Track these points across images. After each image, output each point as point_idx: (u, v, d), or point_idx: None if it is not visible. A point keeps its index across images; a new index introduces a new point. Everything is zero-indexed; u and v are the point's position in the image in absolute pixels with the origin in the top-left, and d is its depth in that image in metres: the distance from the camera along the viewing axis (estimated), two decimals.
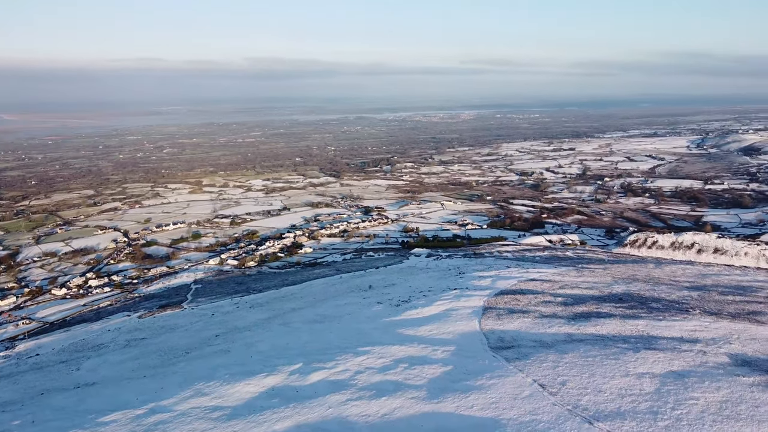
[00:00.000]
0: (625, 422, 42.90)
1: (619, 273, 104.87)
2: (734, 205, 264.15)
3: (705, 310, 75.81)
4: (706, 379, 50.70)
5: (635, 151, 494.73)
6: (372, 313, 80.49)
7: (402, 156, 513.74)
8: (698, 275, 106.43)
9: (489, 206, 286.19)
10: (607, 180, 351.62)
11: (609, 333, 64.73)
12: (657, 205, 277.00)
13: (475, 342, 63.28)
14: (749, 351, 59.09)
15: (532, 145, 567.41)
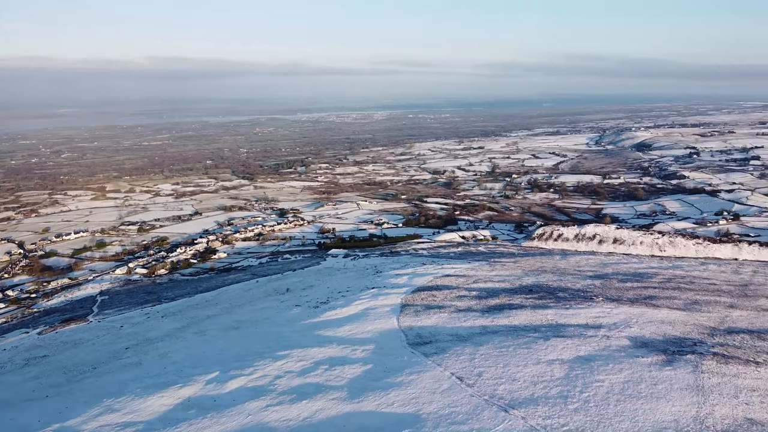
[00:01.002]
0: (538, 408, 44.90)
1: (528, 265, 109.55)
2: (630, 197, 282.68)
3: (607, 297, 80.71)
4: (610, 362, 54.00)
5: (540, 148, 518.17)
6: (290, 316, 79.63)
7: (316, 157, 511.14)
8: (600, 264, 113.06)
9: (404, 205, 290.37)
10: (515, 177, 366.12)
11: (521, 323, 67.53)
12: (561, 199, 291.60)
13: (394, 339, 64.08)
14: (647, 333, 63.48)
15: (444, 145, 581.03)
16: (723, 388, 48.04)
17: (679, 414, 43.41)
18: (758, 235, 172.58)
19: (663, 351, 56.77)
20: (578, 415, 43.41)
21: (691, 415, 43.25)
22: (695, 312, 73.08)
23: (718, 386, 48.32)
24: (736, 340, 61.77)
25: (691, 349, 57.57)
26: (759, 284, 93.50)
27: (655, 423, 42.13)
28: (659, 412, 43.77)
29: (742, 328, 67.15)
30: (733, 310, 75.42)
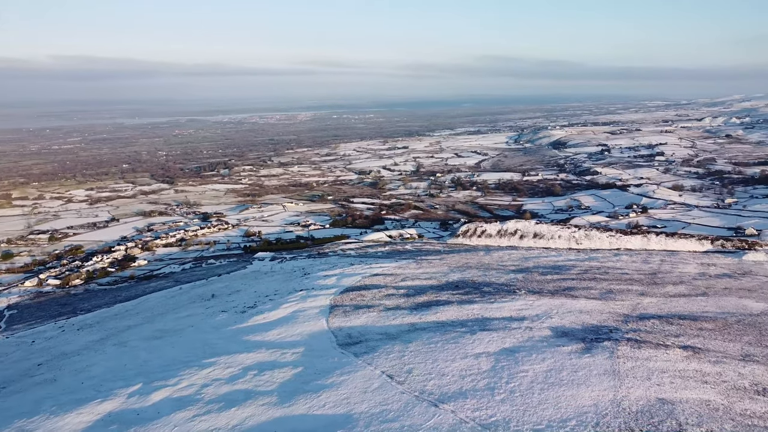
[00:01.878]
0: (467, 401, 46.00)
1: (454, 262, 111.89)
2: (548, 193, 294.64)
3: (529, 290, 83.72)
4: (533, 352, 56.07)
5: (462, 147, 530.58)
6: (216, 322, 77.61)
7: (240, 159, 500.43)
8: (522, 259, 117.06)
9: (331, 206, 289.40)
10: (439, 175, 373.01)
11: (448, 319, 68.91)
12: (484, 196, 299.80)
13: (324, 341, 63.79)
14: (567, 323, 66.39)
15: (369, 145, 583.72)
16: (637, 371, 50.96)
17: (598, 398, 45.70)
18: (664, 226, 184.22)
19: (582, 339, 59.56)
20: (505, 405, 44.82)
21: (609, 399, 45.62)
22: (610, 301, 77.10)
23: (633, 370, 51.22)
24: (647, 325, 65.65)
25: (608, 336, 60.70)
26: (666, 272, 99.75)
27: (576, 408, 44.14)
28: (580, 397, 45.90)
29: (652, 314, 71.47)
30: (644, 297, 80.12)
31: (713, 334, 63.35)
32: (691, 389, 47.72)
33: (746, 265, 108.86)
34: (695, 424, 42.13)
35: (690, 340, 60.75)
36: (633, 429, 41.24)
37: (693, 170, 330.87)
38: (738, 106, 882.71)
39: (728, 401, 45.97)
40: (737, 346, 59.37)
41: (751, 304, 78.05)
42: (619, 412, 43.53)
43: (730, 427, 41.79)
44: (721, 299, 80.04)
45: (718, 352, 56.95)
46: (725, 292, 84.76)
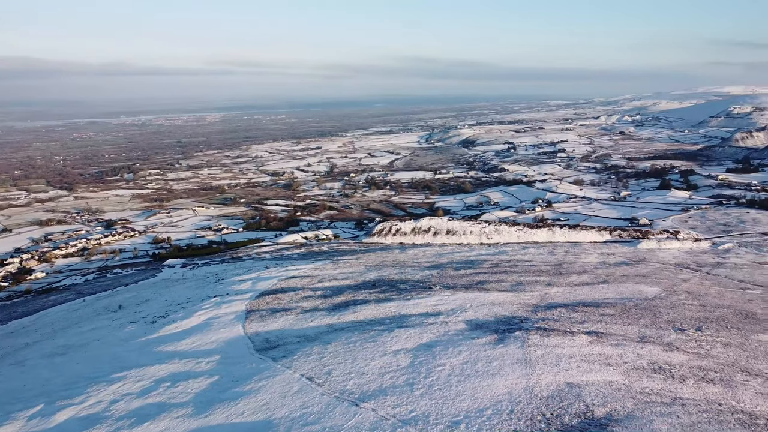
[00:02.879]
0: (387, 398, 46.45)
1: (370, 261, 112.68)
2: (459, 191, 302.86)
3: (444, 285, 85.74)
4: (449, 346, 57.50)
5: (375, 147, 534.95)
6: (125, 334, 73.96)
7: (146, 162, 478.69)
8: (436, 255, 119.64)
9: (244, 209, 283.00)
10: (353, 175, 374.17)
11: (366, 318, 69.33)
12: (397, 195, 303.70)
13: (240, 347, 62.36)
14: (480, 316, 68.58)
15: (281, 146, 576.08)
16: (547, 358, 53.46)
17: (512, 386, 47.53)
18: (567, 219, 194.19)
19: (495, 330, 61.72)
20: (424, 399, 45.66)
21: (522, 386, 47.56)
22: (520, 292, 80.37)
23: (543, 357, 53.68)
24: (554, 314, 69.03)
25: (519, 326, 63.26)
26: (570, 263, 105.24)
27: (492, 397, 45.70)
28: (495, 386, 47.56)
29: (559, 302, 75.25)
30: (551, 287, 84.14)
31: (614, 318, 67.57)
32: (596, 372, 50.65)
33: (641, 253, 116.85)
34: (600, 404, 44.76)
35: (594, 325, 64.47)
36: (545, 413, 43.22)
37: (592, 165, 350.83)
38: (629, 105, 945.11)
39: (629, 381, 49.18)
40: (635, 329, 63.66)
41: (646, 289, 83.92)
42: (532, 398, 45.49)
43: (632, 405, 44.73)
44: (619, 286, 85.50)
45: (618, 336, 60.79)
46: (623, 279, 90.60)
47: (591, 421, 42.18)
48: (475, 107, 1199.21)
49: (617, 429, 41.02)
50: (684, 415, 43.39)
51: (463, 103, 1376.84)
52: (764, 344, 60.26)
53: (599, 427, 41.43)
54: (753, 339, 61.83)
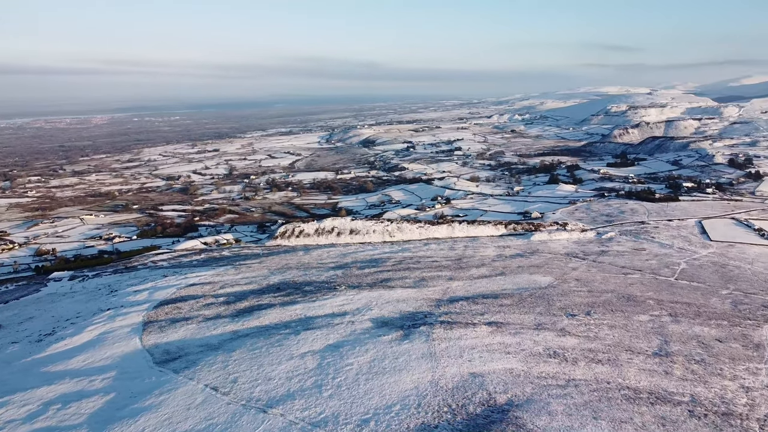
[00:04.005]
0: (295, 402, 45.99)
1: (274, 264, 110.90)
2: (361, 190, 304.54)
3: (349, 285, 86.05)
4: (357, 345, 57.83)
5: (275, 148, 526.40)
6: (7, 356, 68.07)
7: (24, 169, 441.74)
8: (340, 255, 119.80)
9: (137, 215, 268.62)
10: (253, 178, 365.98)
11: (272, 322, 68.20)
12: (300, 197, 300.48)
13: (138, 361, 59.32)
14: (386, 313, 69.52)
15: (176, 149, 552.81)
16: (451, 350, 55.15)
17: (418, 381, 48.61)
18: (465, 214, 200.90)
19: (401, 327, 62.84)
20: (333, 400, 45.66)
21: (428, 380, 48.77)
22: (423, 288, 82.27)
23: (447, 350, 55.33)
24: (456, 307, 71.31)
25: (423, 321, 64.79)
26: (469, 257, 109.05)
27: (399, 393, 46.50)
28: (402, 382, 48.44)
29: (461, 296, 77.81)
30: (452, 281, 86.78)
31: (512, 308, 70.86)
32: (496, 361, 52.91)
33: (534, 245, 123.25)
34: (502, 391, 46.85)
35: (493, 316, 67.27)
36: (450, 404, 44.60)
37: (486, 162, 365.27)
38: (519, 105, 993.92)
39: (527, 367, 51.82)
40: (531, 317, 67.13)
41: (539, 278, 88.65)
42: (438, 390, 46.77)
43: (530, 389, 47.17)
44: (516, 277, 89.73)
45: (516, 325, 63.84)
46: (519, 270, 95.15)
47: (494, 408, 44.05)
48: (374, 107, 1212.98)
49: (518, 413, 43.11)
50: (577, 395, 46.34)
51: (362, 103, 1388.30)
52: (644, 324, 65.56)
53: (501, 413, 43.34)
54: (635, 320, 67.08)
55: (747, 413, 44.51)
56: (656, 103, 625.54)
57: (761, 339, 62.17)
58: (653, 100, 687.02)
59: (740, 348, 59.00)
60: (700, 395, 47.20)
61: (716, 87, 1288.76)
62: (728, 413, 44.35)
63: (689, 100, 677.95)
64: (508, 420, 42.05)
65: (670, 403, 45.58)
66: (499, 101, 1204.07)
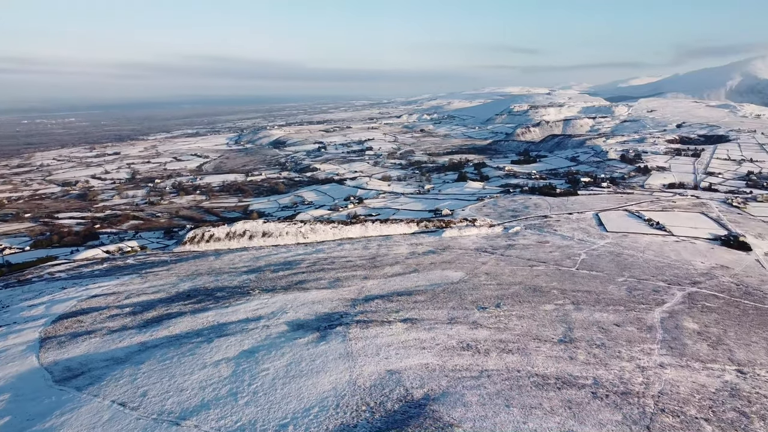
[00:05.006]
0: (210, 411, 44.63)
1: (183, 271, 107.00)
2: (272, 192, 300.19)
3: (263, 289, 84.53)
4: (272, 349, 56.93)
5: (181, 150, 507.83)
6: None
7: None
8: (253, 259, 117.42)
9: (30, 225, 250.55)
10: (158, 182, 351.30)
11: (182, 331, 65.76)
12: (209, 200, 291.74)
13: (36, 380, 55.38)
14: (302, 315, 68.90)
15: (72, 152, 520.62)
16: (367, 349, 55.54)
17: (336, 382, 48.59)
18: (378, 213, 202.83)
19: (317, 329, 62.52)
20: (249, 407, 44.75)
21: (346, 380, 48.85)
22: (339, 288, 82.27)
23: (364, 349, 55.67)
24: (372, 306, 71.87)
25: (339, 322, 64.80)
26: (383, 255, 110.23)
27: (317, 395, 46.28)
28: (320, 384, 48.24)
29: (376, 294, 78.49)
30: (367, 280, 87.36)
31: (426, 304, 72.33)
32: (412, 356, 53.85)
33: (445, 241, 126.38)
34: (419, 386, 47.75)
35: (408, 312, 68.38)
36: (369, 403, 44.92)
37: (397, 162, 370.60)
38: (428, 104, 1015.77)
39: (442, 361, 53.11)
40: (445, 312, 68.84)
41: (451, 273, 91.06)
42: (356, 390, 46.97)
43: (446, 383, 48.38)
44: (429, 273, 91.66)
45: (431, 320, 65.24)
46: (431, 266, 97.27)
47: (411, 404, 44.81)
48: (284, 108, 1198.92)
49: (435, 407, 44.10)
50: (490, 385, 48.04)
51: (272, 104, 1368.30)
52: (549, 313, 68.97)
53: (419, 407, 44.17)
54: (541, 309, 70.42)
55: (643, 391, 47.88)
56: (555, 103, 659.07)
57: (653, 321, 67.11)
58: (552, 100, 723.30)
59: (636, 331, 63.38)
60: (602, 377, 50.26)
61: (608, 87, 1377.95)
62: (627, 392, 47.50)
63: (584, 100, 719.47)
64: (425, 414, 42.93)
65: (575, 386, 48.22)
66: (408, 101, 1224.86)
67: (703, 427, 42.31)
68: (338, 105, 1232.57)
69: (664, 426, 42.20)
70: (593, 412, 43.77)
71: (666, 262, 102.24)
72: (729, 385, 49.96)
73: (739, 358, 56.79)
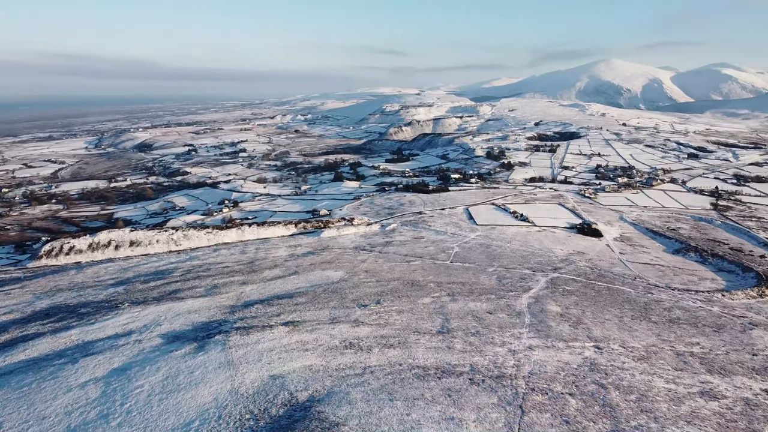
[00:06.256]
0: None
1: (40, 288, 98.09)
2: (140, 198, 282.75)
3: (134, 301, 79.62)
4: (146, 364, 53.84)
5: (32, 156, 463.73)
6: None
7: None
8: (120, 270, 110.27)
9: None
10: (6, 191, 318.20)
11: (42, 353, 60.29)
12: (67, 209, 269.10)
13: None
14: (177, 327, 65.78)
15: None
16: (249, 356, 54.26)
17: (217, 392, 47.00)
18: (255, 216, 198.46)
19: (194, 339, 60.03)
20: (123, 429, 42.12)
21: (227, 390, 47.41)
22: (216, 295, 79.56)
23: (245, 356, 54.32)
24: (252, 311, 70.30)
25: (218, 330, 62.70)
26: (262, 259, 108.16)
27: (198, 408, 44.50)
28: (200, 396, 46.41)
29: (255, 299, 76.84)
30: (246, 285, 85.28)
31: (307, 306, 72.01)
32: (295, 360, 53.42)
33: (324, 242, 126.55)
34: (303, 388, 47.48)
35: (290, 315, 67.70)
36: (252, 410, 43.96)
37: (272, 163, 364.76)
38: (301, 105, 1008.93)
39: (325, 361, 53.19)
40: (326, 312, 68.96)
41: (331, 273, 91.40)
42: (239, 399, 45.75)
43: (330, 382, 48.54)
44: (309, 274, 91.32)
45: (313, 321, 65.07)
46: (311, 267, 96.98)
47: (296, 407, 44.47)
48: (149, 109, 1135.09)
49: (320, 407, 44.10)
50: (374, 380, 48.89)
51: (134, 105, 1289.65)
52: (427, 306, 71.48)
53: (304, 410, 43.95)
54: (419, 303, 72.76)
55: (515, 373, 51.12)
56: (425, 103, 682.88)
57: (521, 307, 71.82)
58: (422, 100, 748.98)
59: (506, 317, 67.46)
60: (478, 363, 52.97)
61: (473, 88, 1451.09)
62: (501, 376, 50.46)
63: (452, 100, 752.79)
64: (311, 416, 42.82)
65: (454, 374, 50.42)
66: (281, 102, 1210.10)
67: (568, 401, 45.98)
68: (208, 106, 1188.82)
69: (535, 403, 45.36)
70: (471, 398, 46.03)
71: (530, 250, 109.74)
72: (588, 361, 54.72)
73: (596, 335, 62.38)
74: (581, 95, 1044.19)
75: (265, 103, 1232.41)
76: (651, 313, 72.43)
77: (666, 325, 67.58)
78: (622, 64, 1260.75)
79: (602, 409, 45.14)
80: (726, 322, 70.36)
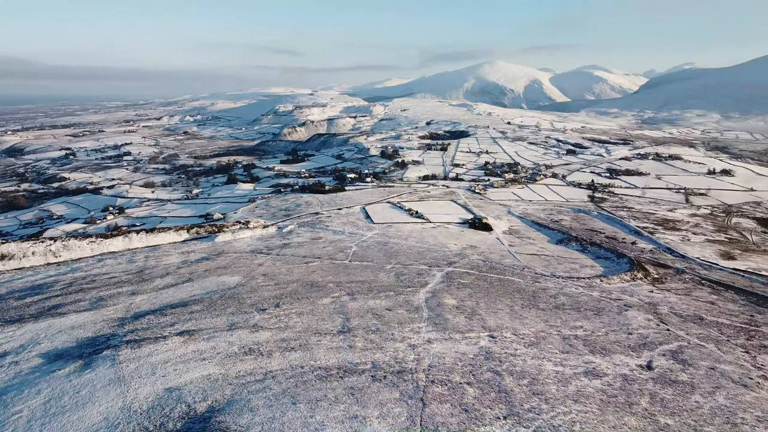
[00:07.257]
0: None
1: None
2: (11, 207, 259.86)
3: (7, 320, 73.10)
4: (25, 387, 49.70)
5: None
6: None
7: None
8: None
9: None
10: None
11: None
12: None
13: None
14: (59, 344, 61.21)
15: None
16: (141, 370, 51.57)
17: (108, 411, 44.29)
18: (143, 223, 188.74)
19: (79, 356, 56.15)
20: None
21: (118, 407, 44.81)
22: (103, 308, 74.87)
23: (137, 370, 51.58)
24: (143, 323, 66.84)
25: (106, 345, 59.05)
26: (152, 267, 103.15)
27: (86, 429, 41.74)
28: (88, 417, 43.53)
29: (147, 310, 73.14)
30: (135, 296, 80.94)
31: (203, 314, 69.55)
32: (193, 370, 51.46)
33: (219, 246, 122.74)
34: (201, 399, 45.84)
35: (184, 324, 65.08)
36: (147, 427, 41.85)
37: (161, 167, 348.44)
38: (189, 105, 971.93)
39: (225, 369, 51.68)
40: (224, 319, 66.98)
41: (228, 279, 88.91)
42: (131, 416, 43.40)
43: (230, 391, 47.23)
44: (204, 281, 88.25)
45: (209, 329, 62.95)
46: (206, 273, 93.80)
47: (195, 419, 42.89)
48: (18, 110, 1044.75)
49: (220, 417, 42.82)
50: (275, 385, 48.18)
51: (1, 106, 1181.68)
52: (327, 306, 71.46)
53: (203, 421, 42.48)
54: (319, 304, 72.56)
55: (415, 367, 52.35)
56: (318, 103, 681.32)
57: (419, 302, 73.67)
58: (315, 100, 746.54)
59: (405, 313, 68.91)
60: (379, 360, 53.71)
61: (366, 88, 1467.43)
62: (402, 370, 51.48)
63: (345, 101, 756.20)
64: (212, 427, 41.49)
65: (356, 373, 50.80)
66: (168, 102, 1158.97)
67: (466, 390, 47.78)
68: (86, 107, 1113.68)
69: (435, 395, 46.73)
70: (374, 394, 46.61)
71: (426, 246, 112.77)
72: (484, 350, 57.15)
73: (490, 324, 65.27)
74: (469, 95, 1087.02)
75: (151, 103, 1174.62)
76: (539, 301, 76.90)
77: (553, 312, 72.02)
78: (505, 65, 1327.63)
79: (498, 395, 47.33)
80: (605, 305, 76.14)
